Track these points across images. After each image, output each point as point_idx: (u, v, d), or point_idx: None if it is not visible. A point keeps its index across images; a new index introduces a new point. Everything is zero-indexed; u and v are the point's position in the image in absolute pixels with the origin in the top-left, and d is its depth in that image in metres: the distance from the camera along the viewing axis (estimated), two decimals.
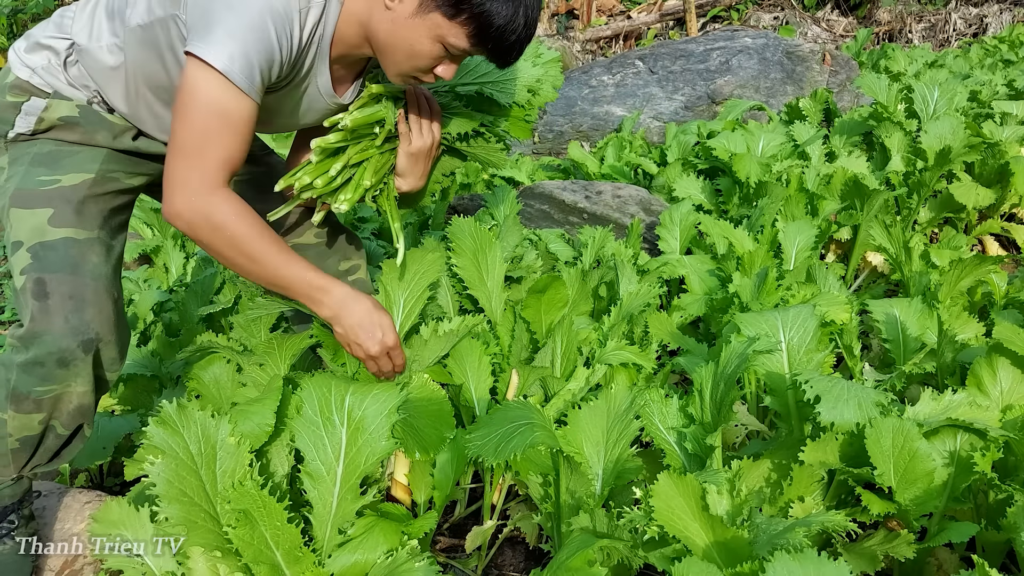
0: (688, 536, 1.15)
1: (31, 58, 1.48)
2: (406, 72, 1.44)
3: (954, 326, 1.90)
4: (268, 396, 1.49)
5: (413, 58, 1.40)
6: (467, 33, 1.35)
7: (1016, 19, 8.25)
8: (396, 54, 1.41)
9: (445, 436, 1.46)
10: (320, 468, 1.32)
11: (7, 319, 3.69)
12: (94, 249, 1.43)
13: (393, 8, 1.37)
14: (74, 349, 1.38)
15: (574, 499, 1.41)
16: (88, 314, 1.39)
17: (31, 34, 1.51)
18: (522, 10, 1.35)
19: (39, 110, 1.46)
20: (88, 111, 1.49)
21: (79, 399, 1.43)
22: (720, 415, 1.42)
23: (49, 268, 1.38)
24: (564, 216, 3.07)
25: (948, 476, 1.38)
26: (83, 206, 1.44)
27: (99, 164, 1.48)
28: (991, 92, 3.96)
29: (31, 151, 1.47)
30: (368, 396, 1.37)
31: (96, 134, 1.49)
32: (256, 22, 1.30)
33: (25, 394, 1.38)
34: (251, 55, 1.31)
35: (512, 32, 1.36)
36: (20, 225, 1.42)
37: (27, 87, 1.47)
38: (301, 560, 1.25)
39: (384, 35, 1.40)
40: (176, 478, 1.24)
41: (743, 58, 5.14)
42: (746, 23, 9.09)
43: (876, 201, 2.73)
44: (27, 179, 1.43)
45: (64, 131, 1.48)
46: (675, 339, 2.12)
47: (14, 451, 1.45)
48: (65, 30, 1.49)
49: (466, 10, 1.32)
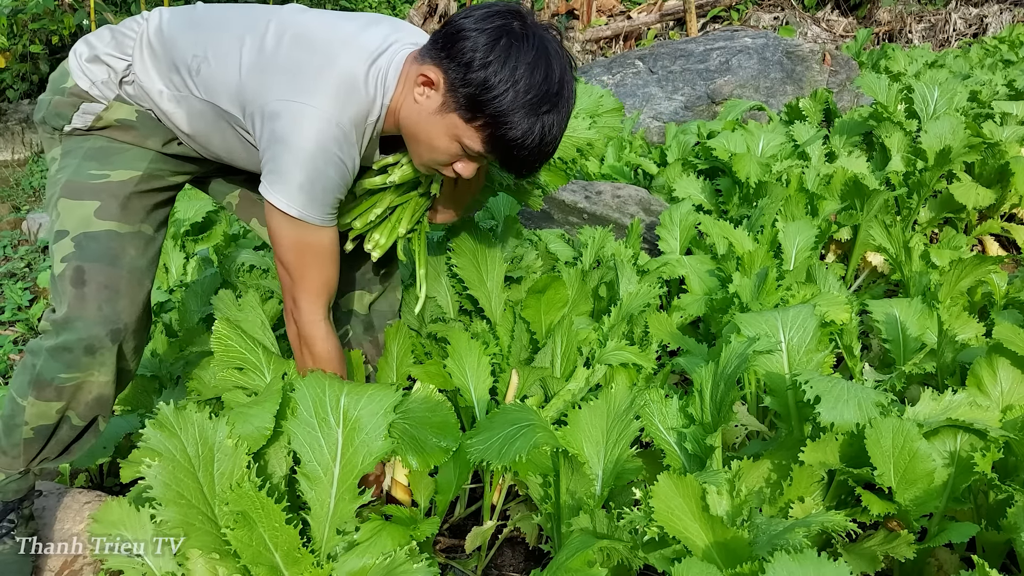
0: (688, 537, 1.15)
1: (92, 70, 1.51)
2: (427, 163, 1.50)
3: (954, 326, 1.90)
4: (267, 399, 1.49)
5: (432, 151, 1.45)
6: (481, 138, 1.39)
7: (1016, 19, 8.24)
8: (418, 145, 1.47)
9: (447, 449, 1.46)
10: (317, 469, 1.32)
11: (7, 319, 3.69)
12: (134, 243, 1.50)
13: (420, 102, 1.42)
14: (103, 337, 1.44)
15: (574, 499, 1.41)
16: (120, 304, 1.47)
17: (93, 44, 1.53)
18: (539, 127, 1.37)
19: (99, 109, 1.51)
20: (145, 116, 1.54)
21: (99, 389, 1.48)
22: (720, 415, 1.42)
23: (90, 257, 1.45)
24: (564, 216, 3.06)
25: (948, 476, 1.38)
26: (128, 201, 1.50)
27: (147, 163, 1.54)
28: (991, 92, 3.96)
29: (85, 145, 1.52)
30: (364, 396, 1.37)
31: (148, 139, 1.54)
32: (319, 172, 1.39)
33: (48, 380, 1.44)
34: (319, 197, 1.42)
35: (525, 147, 1.38)
36: (68, 215, 1.48)
37: (86, 97, 1.51)
38: (300, 561, 1.25)
39: (410, 125, 1.46)
40: (174, 480, 1.24)
41: (743, 58, 5.14)
42: (746, 23, 9.09)
43: (876, 201, 2.73)
44: (79, 172, 1.49)
45: (119, 131, 1.53)
46: (675, 339, 2.12)
47: (27, 441, 1.48)
48: (125, 51, 1.52)
49: (481, 117, 1.36)
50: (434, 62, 1.38)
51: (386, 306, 1.97)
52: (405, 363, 1.87)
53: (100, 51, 1.52)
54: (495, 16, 1.36)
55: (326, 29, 1.45)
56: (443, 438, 1.48)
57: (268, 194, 1.42)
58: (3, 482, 1.52)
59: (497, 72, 1.32)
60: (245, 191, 1.80)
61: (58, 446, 1.51)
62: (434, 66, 1.38)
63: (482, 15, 1.37)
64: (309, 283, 1.52)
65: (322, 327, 1.56)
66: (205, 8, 1.56)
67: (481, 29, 1.34)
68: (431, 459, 1.45)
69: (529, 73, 1.33)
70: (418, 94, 1.41)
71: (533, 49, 1.34)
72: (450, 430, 1.50)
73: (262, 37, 1.44)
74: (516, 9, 1.39)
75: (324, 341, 1.57)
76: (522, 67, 1.33)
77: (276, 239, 1.47)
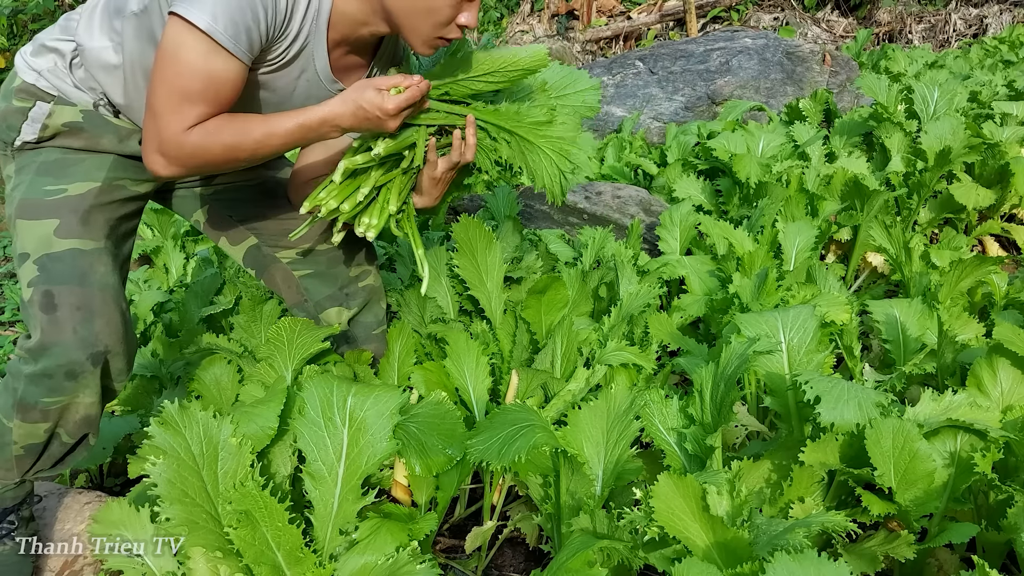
0: (688, 537, 1.16)
1: (37, 61, 1.47)
2: (429, 34, 1.40)
3: (954, 327, 1.90)
4: (272, 398, 1.49)
5: (433, 14, 1.36)
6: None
7: (1016, 20, 8.24)
8: (415, 18, 1.37)
9: (452, 457, 1.47)
10: (321, 469, 1.33)
11: (7, 319, 3.69)
12: (101, 259, 1.42)
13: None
14: (83, 361, 1.38)
15: (574, 500, 1.41)
16: (97, 325, 1.39)
17: (37, 38, 1.50)
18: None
19: (44, 116, 1.44)
20: (93, 116, 1.47)
21: (86, 409, 1.43)
22: (720, 416, 1.43)
23: (56, 280, 1.37)
24: (564, 217, 3.07)
25: (948, 477, 1.38)
26: (89, 215, 1.43)
27: (105, 172, 1.47)
28: (991, 93, 3.96)
29: (37, 160, 1.45)
30: (370, 397, 1.38)
31: (101, 139, 1.48)
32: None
33: (32, 404, 1.38)
34: (234, 12, 1.25)
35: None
36: (26, 236, 1.40)
37: (33, 91, 1.45)
38: (302, 561, 1.25)
39: (398, 2, 1.36)
40: (177, 479, 1.24)
41: (743, 59, 5.14)
42: (746, 24, 9.09)
43: (876, 202, 2.73)
44: (33, 189, 1.42)
45: (69, 137, 1.46)
46: (675, 340, 2.12)
47: (18, 457, 1.45)
48: (70, 32, 1.47)
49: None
50: None
51: (371, 317, 1.91)
52: (407, 363, 1.88)
53: (44, 40, 1.47)
54: None
55: None
56: (449, 445, 1.48)
57: (173, 6, 1.24)
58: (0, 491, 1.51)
59: None
60: (213, 207, 1.72)
61: (50, 460, 1.49)
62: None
63: None
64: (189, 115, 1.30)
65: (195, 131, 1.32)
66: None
67: None
68: (434, 465, 1.46)
69: None
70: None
71: None
72: (457, 439, 1.50)
73: None
74: None
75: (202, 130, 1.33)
76: None
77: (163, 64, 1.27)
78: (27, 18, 8.94)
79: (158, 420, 1.26)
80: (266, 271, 1.81)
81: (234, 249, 1.78)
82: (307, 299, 1.83)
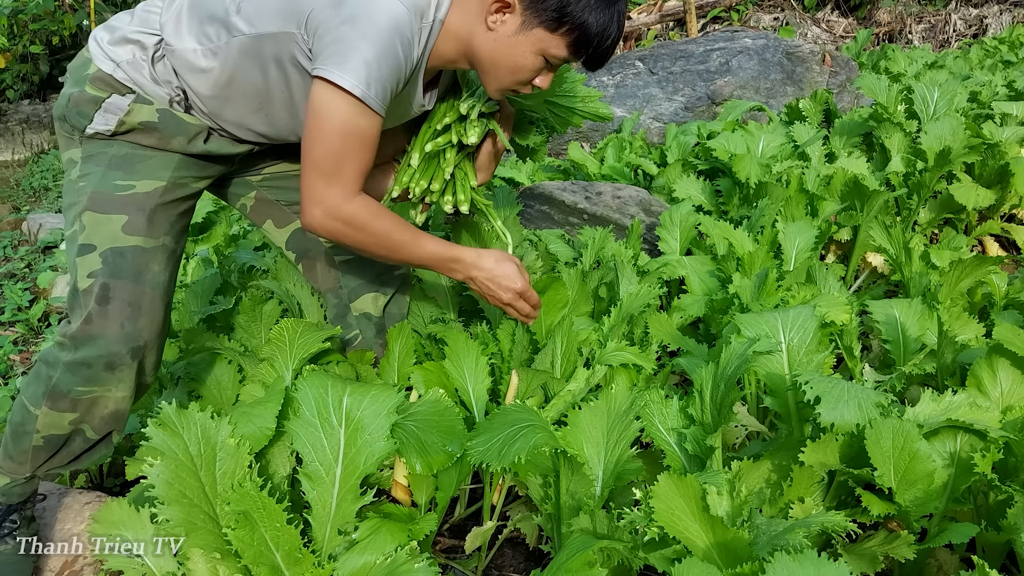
0: (688, 537, 1.15)
1: (116, 52, 1.48)
2: (507, 86, 1.54)
3: (954, 327, 1.90)
4: (270, 399, 1.49)
5: (516, 72, 1.50)
6: (567, 43, 1.45)
7: (1016, 20, 8.24)
8: (499, 71, 1.51)
9: (452, 455, 1.47)
10: (319, 469, 1.32)
11: (7, 320, 3.69)
12: (157, 258, 1.49)
13: (496, 29, 1.47)
14: (123, 355, 1.43)
15: (574, 500, 1.41)
16: (142, 322, 1.45)
17: (115, 27, 1.51)
18: (615, 17, 1.46)
19: (120, 111, 1.47)
20: (167, 115, 1.50)
21: (116, 404, 1.46)
22: (720, 416, 1.42)
23: (116, 275, 1.44)
24: (564, 217, 3.06)
25: (948, 477, 1.38)
26: (154, 214, 1.49)
27: (171, 171, 1.52)
28: (991, 93, 3.95)
29: (108, 152, 1.49)
30: (367, 396, 1.37)
31: (172, 139, 1.52)
32: (387, 47, 1.38)
33: (64, 392, 1.43)
34: (384, 79, 1.39)
35: (607, 38, 1.47)
36: (95, 229, 1.45)
37: (110, 81, 1.47)
38: (301, 561, 1.25)
39: (487, 53, 1.49)
40: (176, 480, 1.24)
41: (743, 59, 5.14)
42: (746, 24, 9.09)
43: (876, 202, 2.73)
44: (104, 182, 1.47)
45: (141, 135, 1.50)
46: (675, 340, 2.12)
47: (36, 449, 1.47)
48: (151, 26, 1.49)
49: (567, 23, 1.43)
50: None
51: (396, 309, 1.97)
52: (407, 363, 1.88)
53: (125, 31, 1.49)
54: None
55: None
56: (449, 442, 1.48)
57: (325, 71, 1.36)
58: (7, 486, 1.52)
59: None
60: (261, 192, 1.80)
61: (68, 456, 1.50)
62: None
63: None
64: (348, 170, 1.45)
65: (357, 200, 1.49)
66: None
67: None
68: (434, 463, 1.45)
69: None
70: (492, 21, 1.46)
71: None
72: (456, 436, 1.50)
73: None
74: None
75: (367, 207, 1.50)
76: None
77: (320, 121, 1.40)
78: (27, 18, 8.94)
79: (156, 421, 1.25)
80: (307, 255, 1.88)
81: (278, 232, 1.85)
82: (342, 285, 1.89)
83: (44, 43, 9.42)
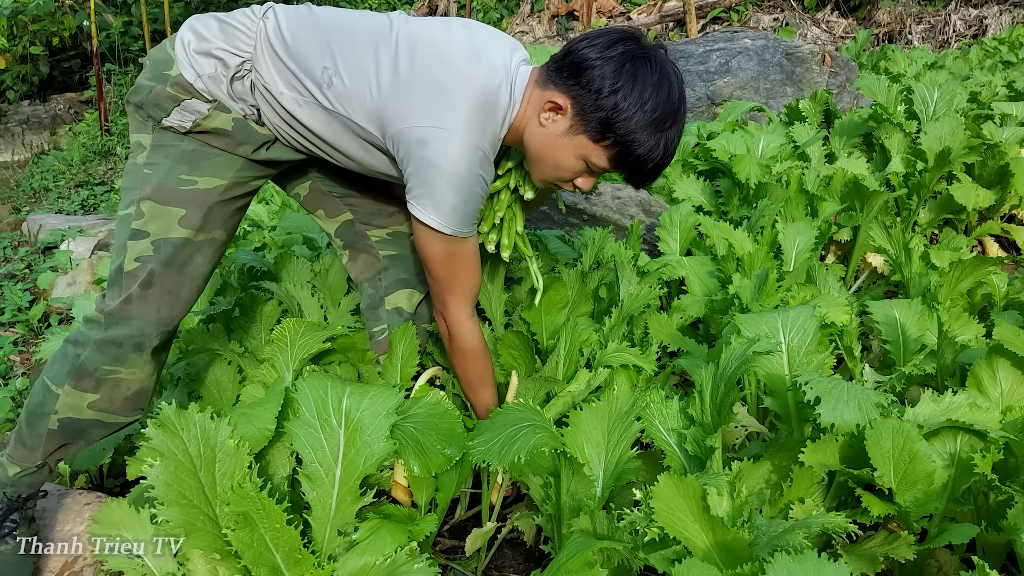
0: (688, 537, 1.15)
1: (201, 63, 1.49)
2: (549, 180, 1.59)
3: (954, 327, 1.90)
4: (270, 400, 1.49)
5: (557, 170, 1.55)
6: (608, 156, 1.48)
7: (1016, 20, 8.24)
8: (543, 165, 1.56)
9: (451, 457, 1.47)
10: (318, 470, 1.32)
11: (7, 320, 3.69)
12: (202, 251, 1.55)
13: (547, 126, 1.51)
14: (153, 337, 1.50)
15: (574, 500, 1.41)
16: (176, 309, 1.53)
17: (203, 35, 1.50)
18: (663, 142, 1.47)
19: (198, 115, 1.50)
20: (241, 124, 1.53)
21: (141, 383, 1.53)
22: (720, 416, 1.42)
23: (164, 263, 1.50)
24: (564, 217, 3.06)
25: (948, 477, 1.38)
26: (211, 211, 1.54)
27: (234, 171, 1.56)
28: (991, 93, 3.95)
29: (178, 147, 1.52)
30: (366, 397, 1.37)
31: (240, 146, 1.55)
32: (471, 191, 1.48)
33: (91, 371, 1.48)
34: (471, 212, 1.51)
35: (651, 161, 1.48)
36: (153, 218, 1.50)
37: (190, 88, 1.49)
38: (301, 562, 1.25)
39: (535, 147, 1.54)
40: (175, 480, 1.24)
41: (743, 59, 5.14)
42: (746, 24, 9.10)
43: (876, 202, 2.73)
44: (170, 175, 1.51)
45: (213, 137, 1.53)
46: (675, 340, 2.12)
47: (51, 432, 1.51)
48: (239, 48, 1.50)
49: (611, 136, 1.45)
50: (560, 89, 1.48)
51: (425, 310, 1.99)
52: (410, 364, 1.87)
53: (212, 45, 1.49)
54: (617, 43, 1.45)
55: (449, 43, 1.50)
56: (448, 445, 1.48)
57: (421, 215, 1.48)
58: (18, 475, 1.52)
59: (627, 96, 1.42)
60: (315, 183, 1.84)
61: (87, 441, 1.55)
62: (561, 93, 1.47)
63: (605, 43, 1.45)
64: (457, 287, 1.62)
65: (468, 325, 1.67)
66: (324, 12, 1.56)
67: (606, 57, 1.43)
68: (433, 465, 1.45)
69: (655, 94, 1.43)
70: (544, 119, 1.50)
71: (656, 71, 1.44)
72: (456, 438, 1.50)
73: (394, 53, 1.47)
74: (632, 34, 1.48)
75: (471, 338, 1.68)
76: (648, 89, 1.43)
77: (427, 253, 1.56)
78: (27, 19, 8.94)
79: (155, 422, 1.25)
80: (354, 246, 1.93)
81: (329, 221, 1.90)
82: (381, 278, 1.93)
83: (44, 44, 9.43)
